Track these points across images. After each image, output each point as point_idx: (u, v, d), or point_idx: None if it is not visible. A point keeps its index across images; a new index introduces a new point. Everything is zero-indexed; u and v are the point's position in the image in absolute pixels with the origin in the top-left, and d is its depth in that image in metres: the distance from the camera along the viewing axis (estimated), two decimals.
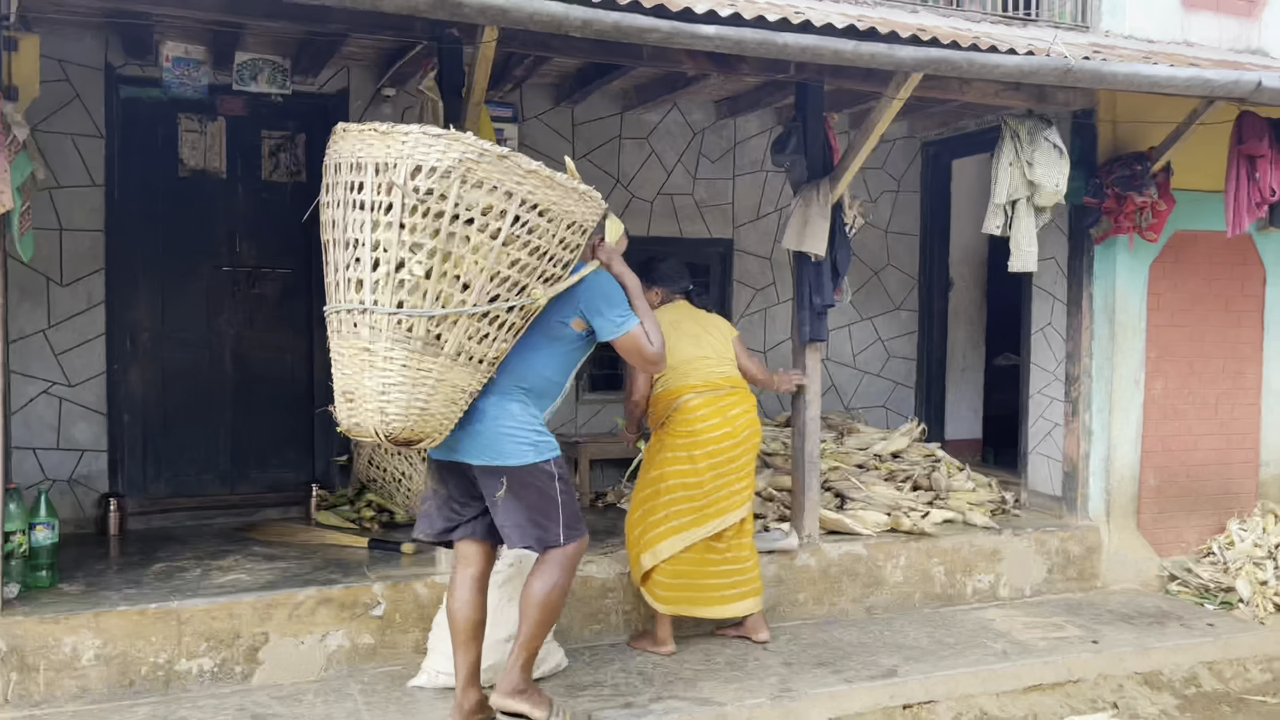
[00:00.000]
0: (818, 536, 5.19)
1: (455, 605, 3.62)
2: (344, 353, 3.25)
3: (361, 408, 3.23)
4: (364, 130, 3.15)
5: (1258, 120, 5.11)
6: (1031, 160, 4.86)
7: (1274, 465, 6.28)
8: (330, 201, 3.27)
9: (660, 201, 6.67)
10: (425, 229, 3.08)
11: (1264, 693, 4.81)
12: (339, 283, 3.24)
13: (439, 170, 3.05)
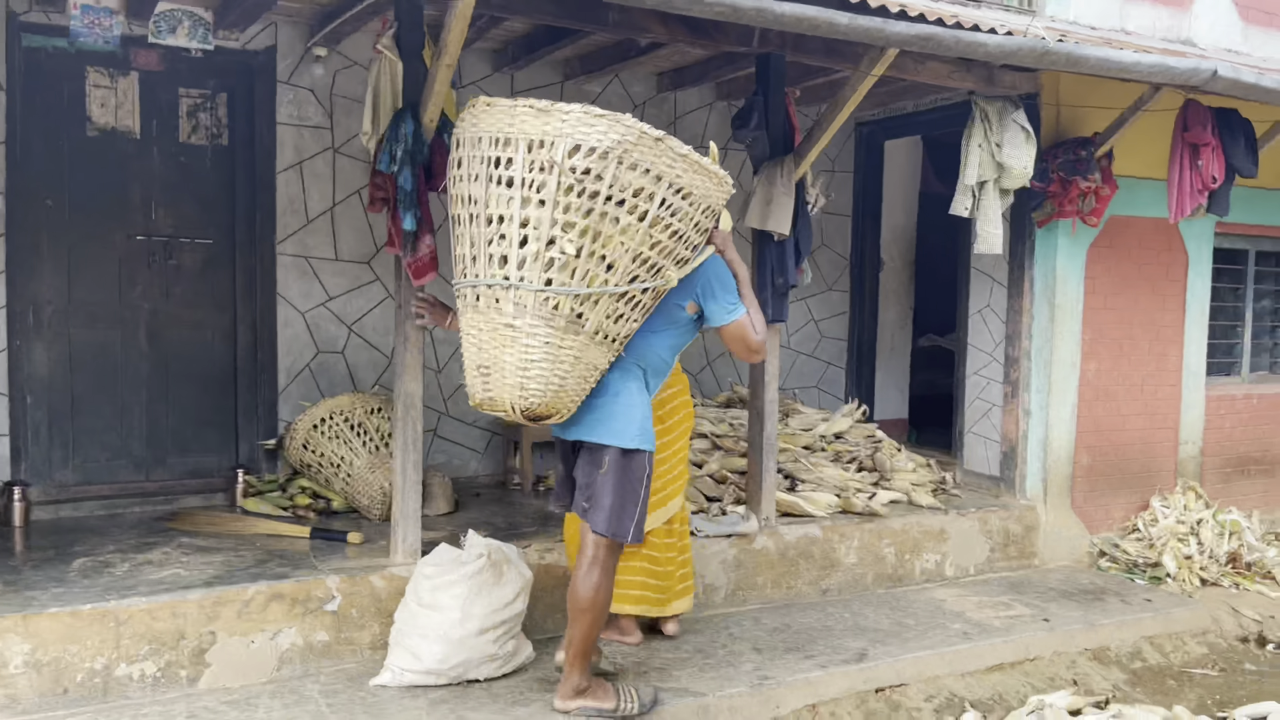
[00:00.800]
0: (775, 520, 5.13)
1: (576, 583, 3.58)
2: (481, 328, 3.23)
3: (499, 382, 3.23)
4: (516, 106, 3.11)
5: (1201, 109, 5.24)
6: (1000, 142, 4.87)
7: (1191, 444, 6.53)
8: (463, 175, 3.25)
9: None
10: (579, 208, 3.07)
11: (1203, 665, 4.98)
12: (476, 257, 3.22)
13: (598, 151, 3.03)
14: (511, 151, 3.09)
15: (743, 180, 6.86)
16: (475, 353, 3.28)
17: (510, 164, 3.10)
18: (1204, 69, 4.56)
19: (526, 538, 4.76)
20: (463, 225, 3.29)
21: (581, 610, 3.52)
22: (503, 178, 3.12)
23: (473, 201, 3.22)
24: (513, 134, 3.09)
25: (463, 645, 3.82)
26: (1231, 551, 5.95)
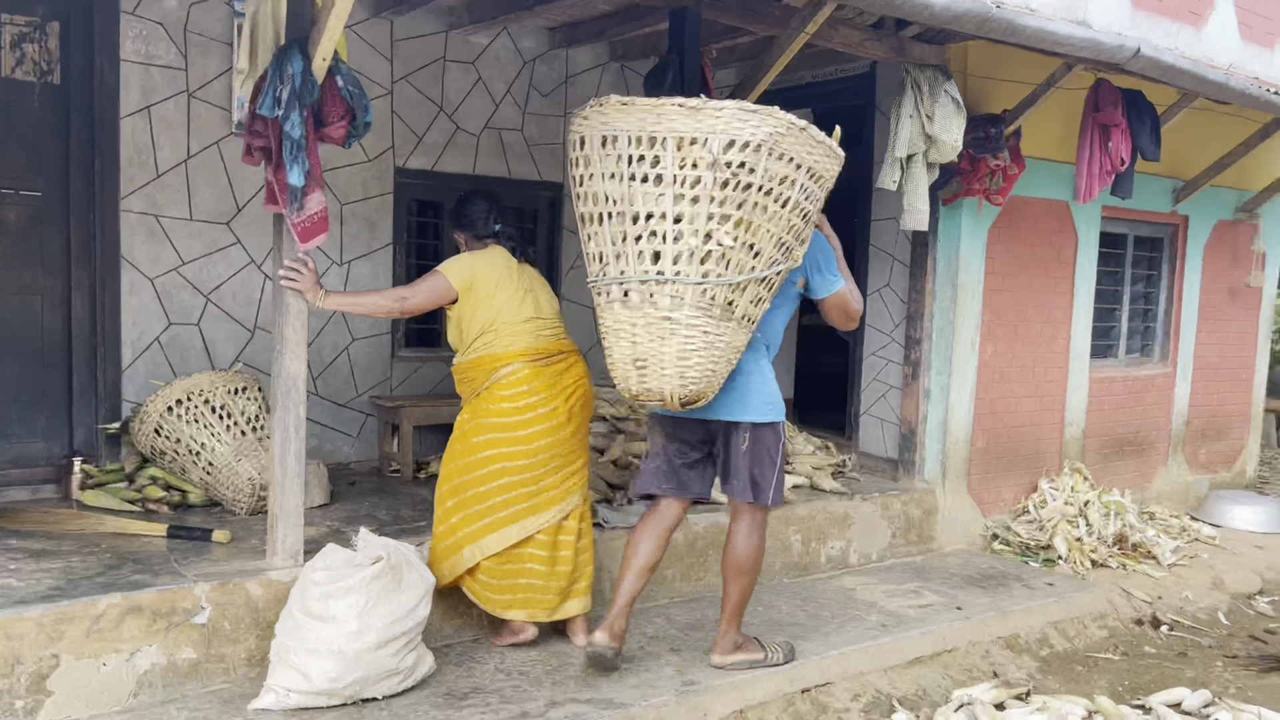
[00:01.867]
0: None
1: (641, 542, 3.77)
2: (636, 322, 3.30)
3: (657, 374, 3.32)
4: (662, 104, 3.12)
5: (1112, 89, 5.20)
6: (931, 114, 4.67)
7: (1076, 426, 6.60)
8: (594, 174, 3.27)
9: (487, 136, 5.99)
10: (733, 201, 3.13)
11: (1105, 649, 4.98)
12: (620, 255, 3.27)
13: (751, 145, 3.08)
14: (659, 150, 3.12)
15: None
16: (629, 347, 3.34)
17: (658, 162, 3.13)
18: (1128, 47, 4.48)
19: (419, 533, 4.31)
20: (596, 224, 3.33)
21: (743, 572, 3.80)
22: (649, 175, 3.15)
23: (610, 200, 3.25)
24: (660, 132, 3.12)
25: (359, 661, 3.36)
26: (1118, 533, 6.02)
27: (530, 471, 3.83)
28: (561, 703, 3.53)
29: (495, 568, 3.83)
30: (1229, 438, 7.90)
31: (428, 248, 5.99)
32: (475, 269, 3.87)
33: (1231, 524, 6.94)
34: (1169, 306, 7.26)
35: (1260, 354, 8.06)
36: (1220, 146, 6.89)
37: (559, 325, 4.04)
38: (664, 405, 3.42)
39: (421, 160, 5.77)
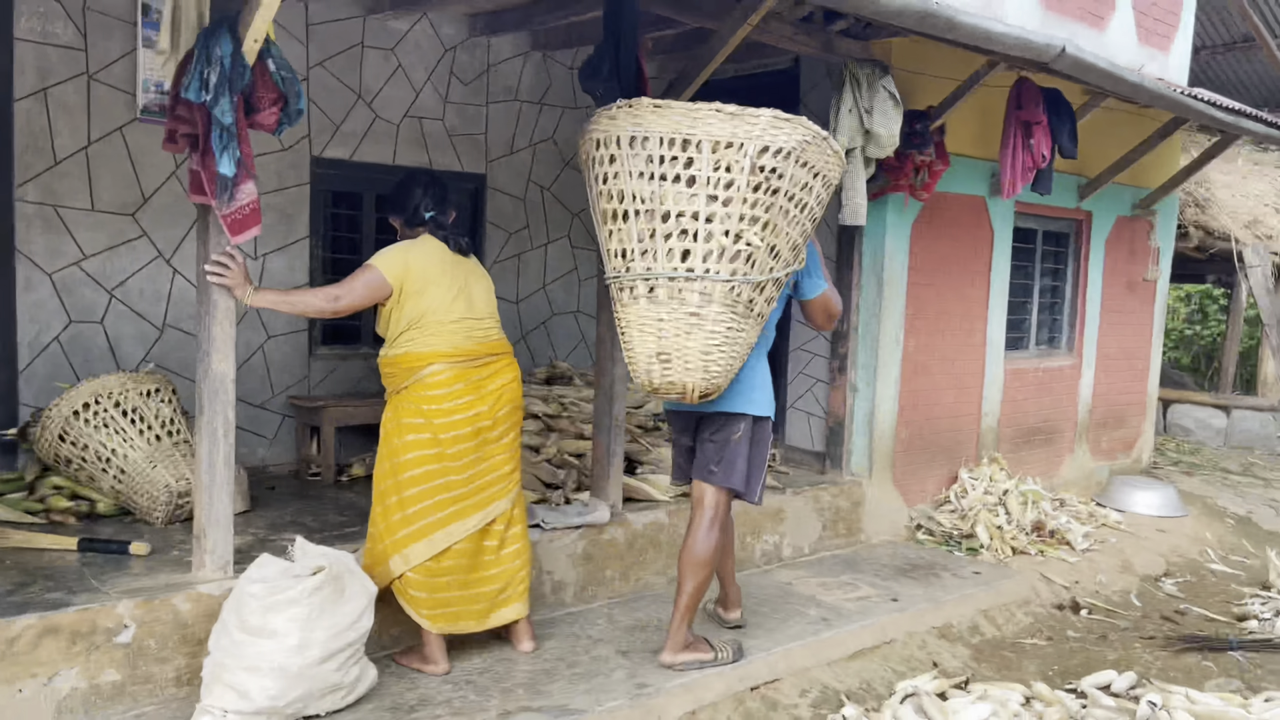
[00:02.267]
0: (621, 506, 4.75)
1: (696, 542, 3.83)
2: (663, 318, 3.38)
3: (680, 368, 3.42)
4: (698, 109, 3.23)
5: (1034, 88, 5.31)
6: (870, 108, 4.68)
7: (992, 416, 6.76)
8: (620, 172, 3.33)
9: (408, 125, 5.79)
10: (763, 204, 3.27)
11: (1031, 635, 5.10)
12: (646, 251, 3.35)
13: (784, 152, 3.22)
14: (693, 152, 3.22)
15: (537, 137, 6.41)
16: (654, 341, 3.41)
17: (691, 163, 3.23)
18: (1055, 46, 4.57)
19: (351, 539, 4.13)
20: (619, 221, 3.39)
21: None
22: (681, 175, 3.24)
23: (637, 198, 3.32)
24: (695, 135, 3.22)
25: (302, 677, 3.19)
26: (1036, 520, 6.18)
27: (454, 475, 3.65)
28: (514, 712, 3.42)
29: (423, 579, 3.66)
30: (1128, 425, 8.22)
31: (346, 240, 5.76)
32: (409, 262, 3.64)
33: (1134, 509, 7.21)
34: (1074, 299, 7.50)
35: (1155, 345, 8.40)
36: (1122, 145, 7.14)
37: (493, 325, 3.82)
38: (681, 399, 3.49)
39: (339, 150, 5.55)
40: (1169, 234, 8.26)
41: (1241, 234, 9.56)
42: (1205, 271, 11.55)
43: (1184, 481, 8.31)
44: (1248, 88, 11.43)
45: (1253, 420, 10.34)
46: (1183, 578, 6.25)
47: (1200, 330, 17.24)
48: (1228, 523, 7.51)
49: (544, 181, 6.46)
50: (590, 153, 3.44)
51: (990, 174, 6.31)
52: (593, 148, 3.42)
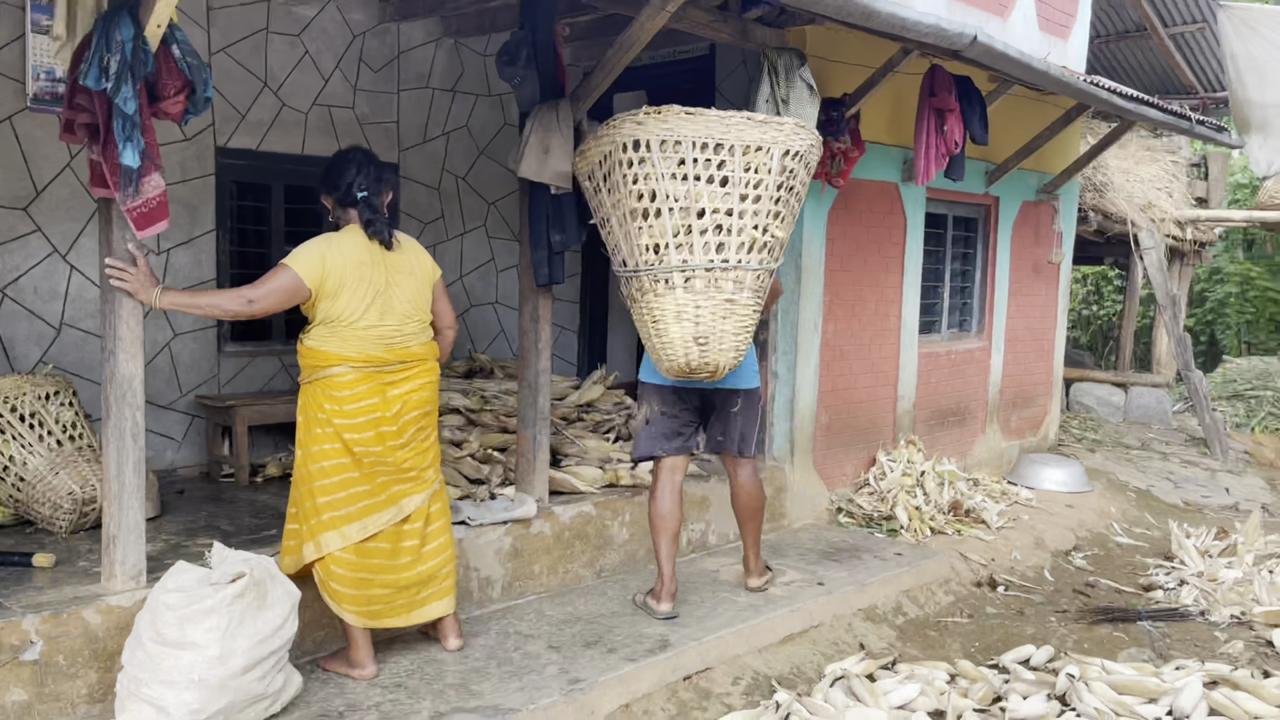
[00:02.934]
0: (548, 499, 4.70)
1: (668, 508, 4.32)
2: (701, 305, 3.77)
3: (717, 349, 3.85)
4: (729, 115, 3.66)
5: (946, 75, 5.39)
6: (787, 98, 4.68)
7: (907, 399, 6.88)
8: (651, 174, 3.66)
9: (316, 114, 5.62)
10: (784, 200, 3.78)
11: (953, 613, 5.21)
12: (682, 245, 3.71)
13: (799, 154, 3.77)
14: (725, 155, 3.65)
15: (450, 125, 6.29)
16: (692, 327, 3.79)
17: (724, 165, 3.65)
18: (967, 34, 4.64)
19: (269, 543, 4.00)
20: (650, 218, 3.72)
21: (760, 509, 4.59)
22: (715, 177, 3.65)
23: (670, 197, 3.66)
24: (728, 139, 3.64)
25: (224, 688, 3.07)
26: (952, 500, 6.32)
27: (360, 470, 3.53)
28: (446, 713, 3.35)
29: (345, 573, 3.55)
30: (1035, 405, 8.46)
31: (255, 234, 5.57)
32: (326, 260, 3.43)
33: (1043, 486, 7.43)
34: (983, 283, 7.68)
35: (1059, 326, 8.67)
36: (1027, 131, 7.32)
37: (414, 331, 3.60)
38: (712, 377, 3.94)
39: (245, 139, 5.35)
40: (1071, 218, 8.52)
41: (1137, 217, 9.91)
42: (1103, 254, 11.94)
43: (1088, 458, 8.60)
44: (1140, 76, 11.83)
45: (1149, 396, 10.74)
46: (1091, 551, 6.46)
47: (1096, 310, 17.87)
48: (1130, 496, 7.80)
49: (459, 171, 6.34)
50: (613, 154, 3.72)
51: (904, 161, 6.41)
52: (618, 150, 3.70)
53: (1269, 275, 15.77)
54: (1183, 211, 10.81)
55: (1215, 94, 10.85)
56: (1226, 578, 5.54)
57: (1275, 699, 3.94)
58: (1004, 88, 6.39)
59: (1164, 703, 3.91)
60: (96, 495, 3.97)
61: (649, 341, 3.94)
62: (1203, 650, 4.78)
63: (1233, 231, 15.49)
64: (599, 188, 3.90)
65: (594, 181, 3.93)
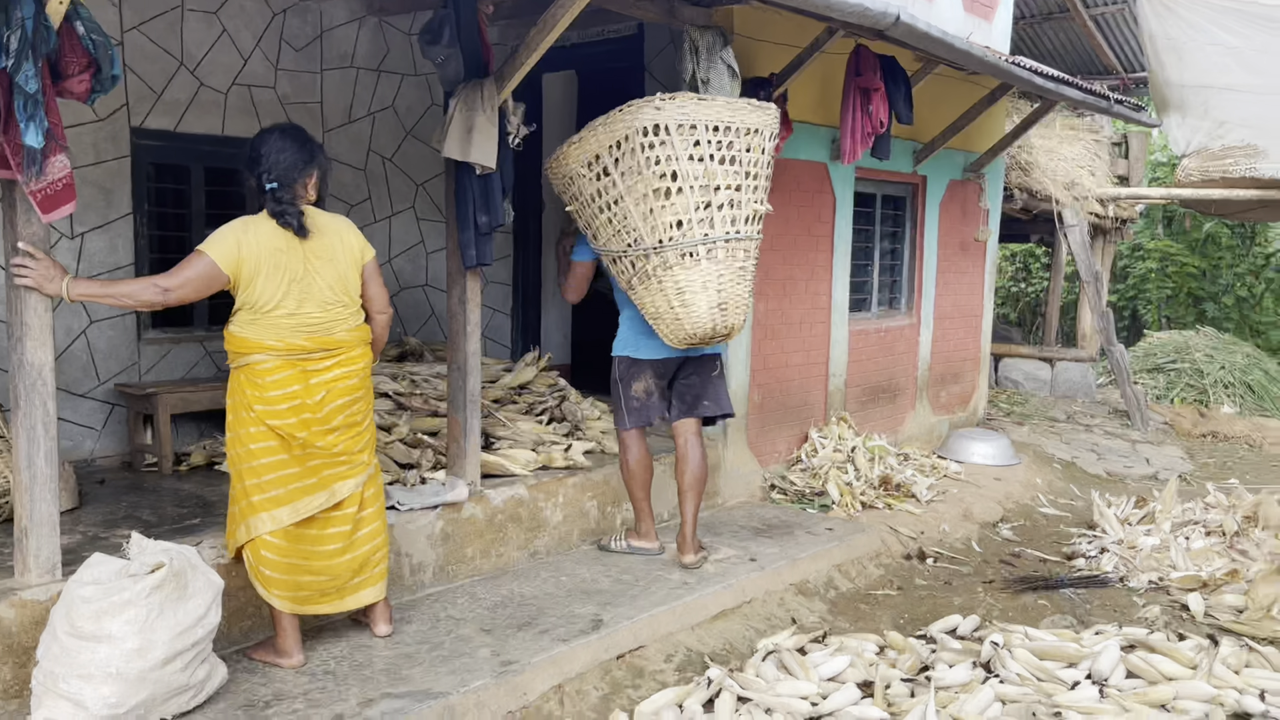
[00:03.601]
0: (479, 483, 4.67)
1: (648, 462, 4.81)
2: (723, 273, 4.20)
3: (734, 312, 4.32)
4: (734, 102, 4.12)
5: (871, 55, 5.44)
6: (708, 78, 4.66)
7: (839, 377, 6.96)
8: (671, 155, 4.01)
9: (236, 94, 5.49)
10: (767, 176, 4.31)
11: (883, 586, 5.29)
12: (705, 219, 4.11)
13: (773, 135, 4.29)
14: (733, 136, 4.10)
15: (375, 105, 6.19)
16: (715, 294, 4.20)
17: (731, 146, 4.09)
18: (890, 13, 4.68)
19: (193, 532, 3.93)
20: (671, 196, 4.07)
21: (703, 480, 4.77)
22: (726, 157, 4.08)
23: (690, 176, 4.04)
24: (735, 123, 4.08)
25: (144, 681, 3.01)
26: (882, 475, 6.42)
27: (287, 454, 3.47)
28: (375, 699, 3.32)
29: (275, 558, 3.49)
30: (963, 381, 8.62)
31: (174, 217, 5.43)
32: (242, 245, 3.34)
33: (971, 459, 7.58)
34: (912, 261, 7.78)
35: (986, 302, 8.83)
36: (953, 111, 7.42)
37: (338, 317, 3.49)
38: (726, 338, 4.41)
39: (162, 120, 5.21)
40: (997, 196, 8.67)
41: (1061, 195, 10.11)
42: (1029, 231, 12.18)
43: (1015, 431, 8.79)
44: (1063, 56, 12.06)
45: (1074, 370, 11.01)
46: (1018, 522, 6.61)
47: (1025, 287, 18.23)
48: (1055, 468, 7.99)
49: (385, 152, 6.25)
50: (631, 138, 3.99)
51: (831, 140, 6.45)
52: (636, 135, 3.98)
53: (1187, 251, 16.21)
54: (1105, 189, 11.06)
55: (1135, 74, 11.11)
56: (1145, 545, 5.71)
57: (1189, 661, 4.08)
58: (929, 68, 6.47)
59: (1083, 666, 4.02)
60: (8, 487, 3.85)
61: (667, 313, 4.25)
62: (1121, 615, 4.93)
63: (1153, 209, 15.90)
64: (605, 172, 4.15)
65: (597, 167, 4.17)
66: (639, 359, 4.68)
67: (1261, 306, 15.99)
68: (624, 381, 4.71)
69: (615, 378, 4.75)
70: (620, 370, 4.72)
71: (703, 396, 4.75)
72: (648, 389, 4.69)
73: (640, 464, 4.76)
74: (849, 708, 3.67)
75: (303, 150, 3.48)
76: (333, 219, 3.60)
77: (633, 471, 4.77)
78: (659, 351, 4.65)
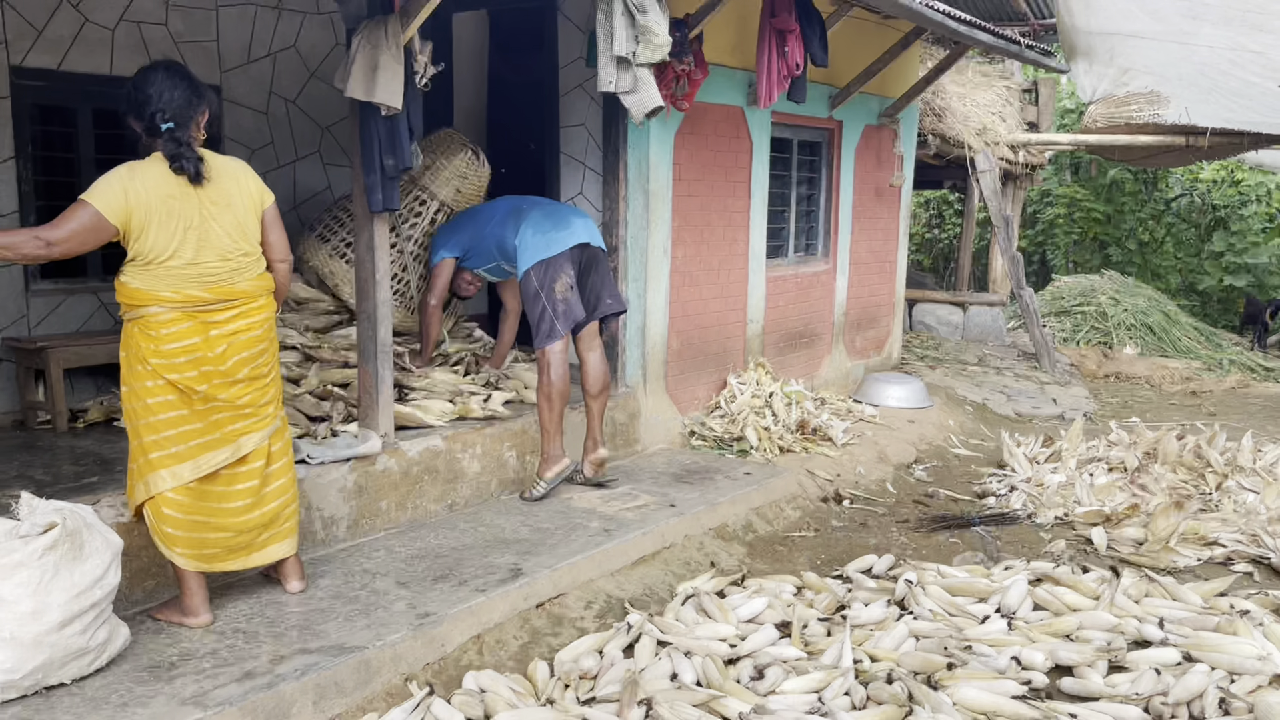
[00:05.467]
0: (394, 435, 4.57)
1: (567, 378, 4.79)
2: None
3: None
4: None
5: None
6: (643, 6, 4.44)
7: (756, 323, 6.97)
8: None
9: (125, 31, 5.19)
10: None
11: (800, 528, 5.35)
12: None
13: None
14: None
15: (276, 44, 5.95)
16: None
17: None
18: None
19: (90, 491, 3.77)
20: None
21: (608, 385, 5.03)
22: None
23: None
24: None
25: (40, 645, 2.89)
26: (800, 420, 6.47)
27: (186, 409, 3.32)
28: (288, 655, 3.24)
29: (177, 515, 3.36)
30: (879, 326, 8.72)
31: (62, 161, 5.14)
32: (129, 194, 3.15)
33: (886, 403, 7.69)
34: (828, 207, 7.81)
35: (901, 248, 8.92)
36: (868, 55, 7.41)
37: (239, 266, 3.35)
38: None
39: (43, 58, 4.91)
40: (911, 142, 8.72)
41: (974, 141, 10.24)
42: (943, 177, 12.33)
43: (929, 375, 8.95)
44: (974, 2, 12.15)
45: (985, 315, 11.24)
46: (931, 463, 6.75)
47: (938, 234, 18.53)
48: (967, 410, 8.17)
49: (288, 94, 6.00)
50: None
51: (748, 84, 6.39)
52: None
53: (1093, 197, 16.63)
54: (1015, 136, 11.23)
55: (1045, 20, 11.23)
56: (1051, 482, 5.87)
57: (1091, 592, 4.21)
58: (844, 10, 6.43)
59: (993, 601, 4.13)
60: None
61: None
62: (1029, 551, 5.07)
63: (1061, 155, 16.24)
64: None
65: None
66: (553, 256, 4.74)
67: (1163, 250, 16.52)
68: (545, 287, 4.74)
69: (534, 290, 4.77)
70: (538, 278, 4.75)
71: (604, 295, 4.94)
72: (569, 283, 4.75)
73: (565, 379, 4.79)
74: (767, 648, 3.71)
75: (192, 87, 3.30)
76: (229, 162, 3.44)
77: (558, 389, 4.77)
78: (568, 240, 4.77)
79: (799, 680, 3.46)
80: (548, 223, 4.83)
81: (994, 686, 3.42)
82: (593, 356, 4.97)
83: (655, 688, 3.34)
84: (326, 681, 3.16)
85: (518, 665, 3.64)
